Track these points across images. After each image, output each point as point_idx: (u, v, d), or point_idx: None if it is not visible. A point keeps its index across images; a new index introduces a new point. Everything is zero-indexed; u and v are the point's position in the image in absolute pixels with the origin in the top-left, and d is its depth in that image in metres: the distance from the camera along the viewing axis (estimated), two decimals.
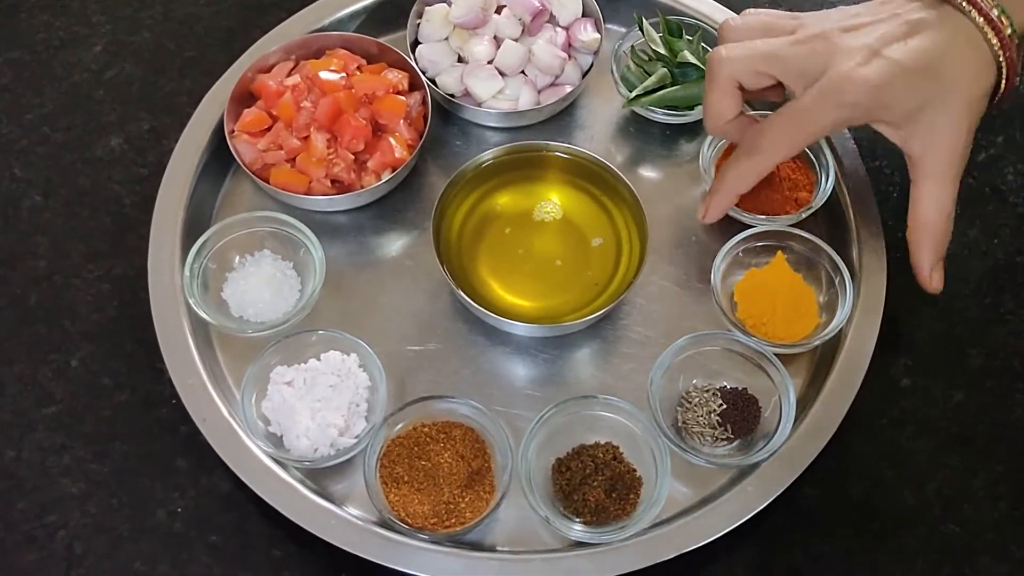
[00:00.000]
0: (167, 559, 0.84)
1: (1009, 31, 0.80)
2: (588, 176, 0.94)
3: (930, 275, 0.86)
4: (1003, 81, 0.82)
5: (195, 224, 0.94)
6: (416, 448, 0.84)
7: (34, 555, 0.85)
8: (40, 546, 0.85)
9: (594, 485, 0.82)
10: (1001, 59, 0.81)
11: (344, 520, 0.82)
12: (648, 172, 1.00)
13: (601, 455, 0.83)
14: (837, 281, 0.89)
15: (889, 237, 0.92)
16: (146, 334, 0.89)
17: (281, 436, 0.85)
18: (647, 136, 1.01)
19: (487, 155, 0.94)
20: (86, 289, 0.95)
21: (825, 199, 0.93)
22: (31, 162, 1.02)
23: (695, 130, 1.01)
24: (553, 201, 0.94)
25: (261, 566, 0.84)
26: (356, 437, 0.84)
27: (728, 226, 0.94)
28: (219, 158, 0.97)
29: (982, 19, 0.80)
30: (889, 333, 0.89)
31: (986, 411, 0.90)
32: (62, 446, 0.89)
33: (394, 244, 0.96)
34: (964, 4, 0.80)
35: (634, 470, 0.84)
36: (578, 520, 0.82)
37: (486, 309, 0.87)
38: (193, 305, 0.88)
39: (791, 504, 0.85)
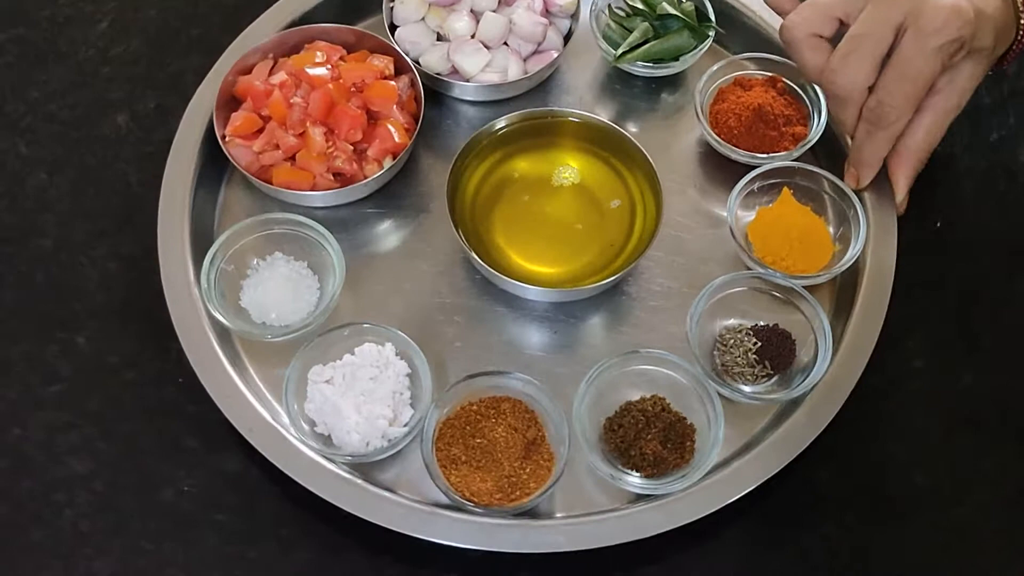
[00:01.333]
0: (174, 538, 0.84)
1: None
2: (598, 140, 0.95)
3: (903, 199, 0.91)
4: (1015, 44, 0.86)
5: (200, 236, 0.92)
6: (468, 427, 0.84)
7: (40, 533, 0.84)
8: (46, 524, 0.84)
9: (648, 439, 0.83)
10: (1022, 21, 0.84)
11: (406, 506, 0.82)
12: (638, 127, 1.01)
13: (650, 408, 0.84)
14: (848, 210, 0.91)
15: None
16: (153, 313, 0.89)
17: (329, 435, 0.84)
18: (633, 91, 1.02)
19: (500, 122, 0.94)
20: (93, 267, 0.94)
21: (822, 131, 0.95)
22: (37, 140, 1.00)
23: (678, 81, 1.02)
24: (570, 166, 0.94)
25: (268, 545, 0.84)
26: (406, 425, 0.84)
27: (726, 168, 0.96)
28: (212, 166, 0.96)
29: None
30: (900, 314, 0.89)
31: (997, 393, 0.90)
32: (69, 424, 0.88)
33: (402, 230, 0.96)
34: None
35: (684, 418, 0.85)
36: (638, 474, 0.83)
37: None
38: (219, 317, 0.87)
39: (801, 485, 0.86)
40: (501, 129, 0.94)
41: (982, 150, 1.01)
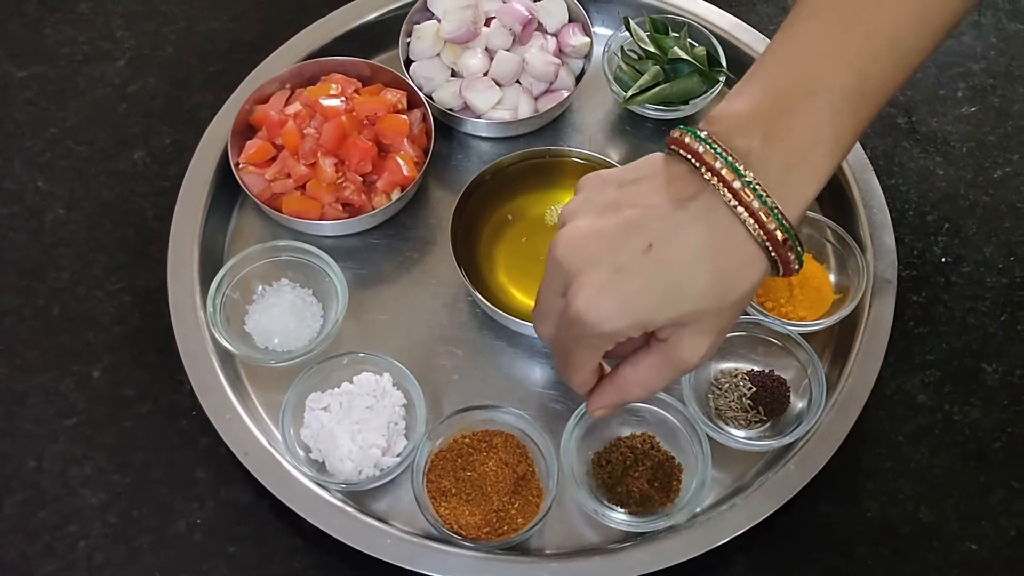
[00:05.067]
0: (187, 569, 0.85)
1: (773, 225, 0.64)
2: None
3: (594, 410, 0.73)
4: (780, 268, 0.66)
5: (209, 261, 0.94)
6: (460, 460, 0.85)
7: (54, 565, 0.85)
8: (60, 556, 0.85)
9: (636, 476, 0.84)
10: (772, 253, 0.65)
11: (395, 536, 0.83)
12: None
13: (639, 445, 0.85)
14: (849, 259, 0.91)
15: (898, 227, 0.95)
16: (167, 346, 0.90)
17: (323, 462, 0.86)
18: (642, 133, 1.03)
19: (504, 160, 0.95)
20: (108, 301, 0.96)
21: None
22: (55, 175, 1.02)
23: (687, 124, 1.03)
24: (563, 205, 0.95)
25: None
26: (399, 455, 0.85)
27: None
28: (224, 194, 0.98)
29: (743, 210, 0.64)
30: (905, 350, 0.89)
31: (1003, 428, 0.90)
32: (83, 456, 0.89)
33: (407, 262, 0.97)
34: (724, 192, 0.65)
35: (673, 457, 0.85)
36: (623, 511, 0.84)
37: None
38: (222, 341, 0.88)
39: (807, 518, 0.86)
40: (504, 167, 0.96)
41: (986, 187, 1.02)
